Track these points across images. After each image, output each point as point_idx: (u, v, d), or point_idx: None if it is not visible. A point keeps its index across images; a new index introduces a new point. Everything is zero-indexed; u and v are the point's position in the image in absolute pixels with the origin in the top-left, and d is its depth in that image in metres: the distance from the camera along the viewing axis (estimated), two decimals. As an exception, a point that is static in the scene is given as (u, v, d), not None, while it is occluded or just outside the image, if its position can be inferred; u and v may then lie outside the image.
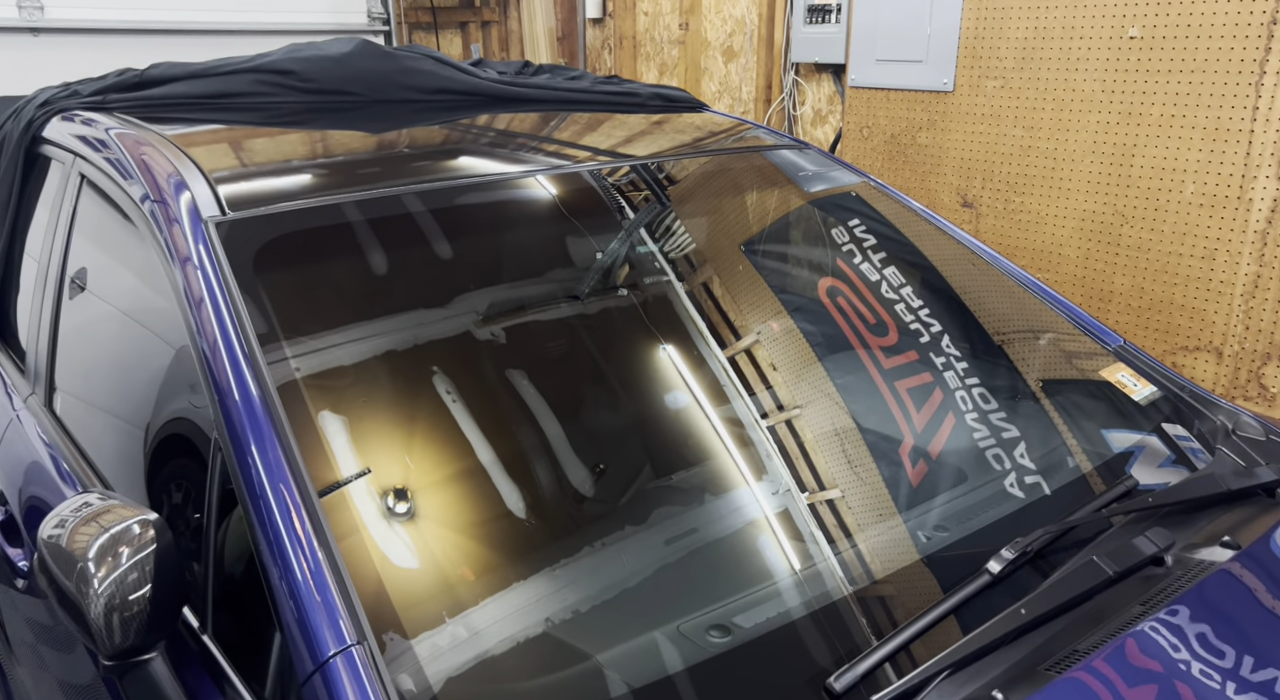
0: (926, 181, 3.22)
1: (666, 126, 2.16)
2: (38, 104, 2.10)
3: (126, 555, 1.11)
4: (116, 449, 1.57)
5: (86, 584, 1.08)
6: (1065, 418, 1.59)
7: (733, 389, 1.51)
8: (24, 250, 2.10)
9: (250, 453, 1.14)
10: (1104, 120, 2.69)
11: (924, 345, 1.67)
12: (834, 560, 1.26)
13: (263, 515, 1.09)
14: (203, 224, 1.40)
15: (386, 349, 1.39)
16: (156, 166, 1.56)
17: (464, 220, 1.63)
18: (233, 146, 1.80)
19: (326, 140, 1.87)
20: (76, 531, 1.15)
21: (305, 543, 1.06)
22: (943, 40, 3.05)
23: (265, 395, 1.19)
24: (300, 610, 1.01)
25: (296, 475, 1.11)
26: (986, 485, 1.43)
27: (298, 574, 1.03)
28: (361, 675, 0.96)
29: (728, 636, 1.12)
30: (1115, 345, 1.76)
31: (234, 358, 1.23)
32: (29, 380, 1.87)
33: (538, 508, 1.26)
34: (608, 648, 1.08)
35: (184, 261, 1.36)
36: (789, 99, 3.74)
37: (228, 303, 1.29)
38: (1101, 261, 2.78)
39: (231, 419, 1.17)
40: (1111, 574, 1.17)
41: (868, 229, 1.90)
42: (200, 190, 1.47)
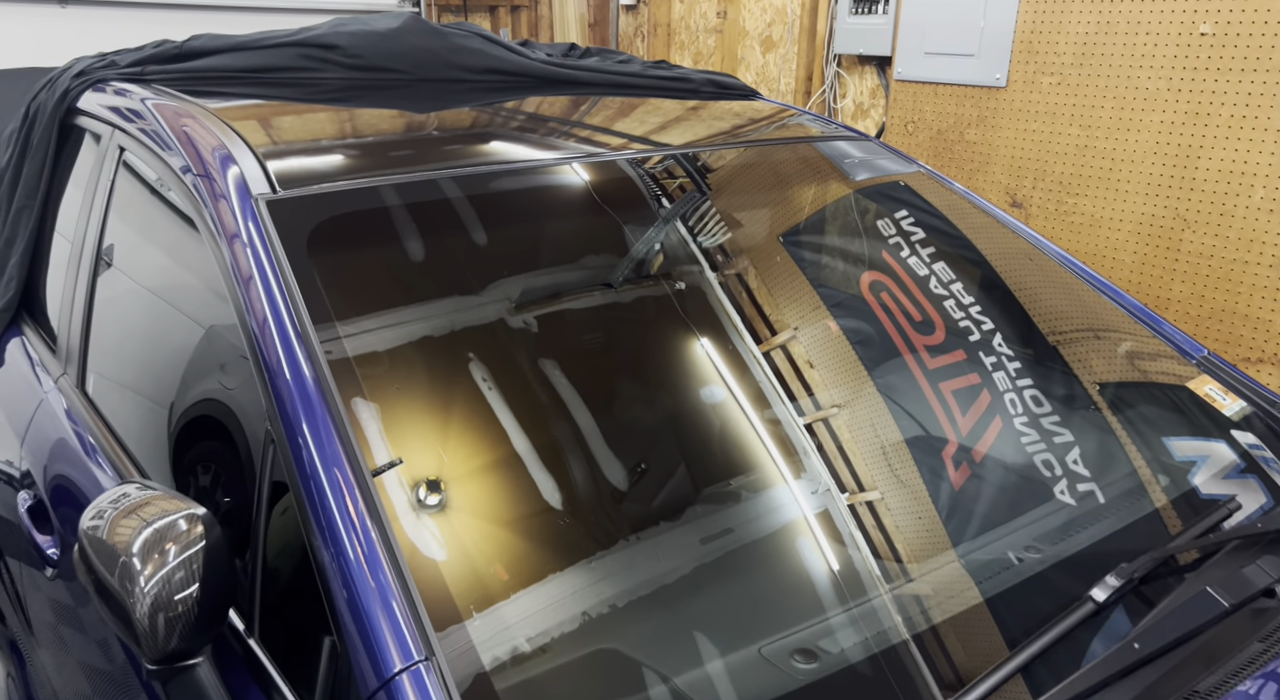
0: (974, 180, 3.13)
1: (707, 113, 2.07)
2: (73, 74, 2.03)
3: (174, 552, 1.04)
4: (153, 433, 1.50)
5: (131, 581, 1.01)
6: (1125, 424, 1.51)
7: (770, 385, 1.44)
8: (55, 226, 2.03)
9: (303, 435, 1.07)
10: (1168, 120, 2.59)
11: (973, 344, 1.59)
12: (883, 579, 1.19)
13: (318, 509, 1.02)
14: (252, 200, 1.33)
15: (438, 333, 1.33)
16: (200, 140, 1.49)
17: (513, 205, 1.56)
18: (277, 122, 1.72)
19: (373, 119, 1.80)
20: (117, 524, 1.08)
21: (365, 543, 0.99)
22: (997, 34, 2.95)
23: (319, 376, 1.13)
24: (362, 621, 0.93)
25: (352, 460, 1.05)
26: (1037, 493, 1.35)
27: (360, 581, 0.96)
28: (431, 695, 0.89)
29: (815, 663, 1.04)
30: (1199, 355, 1.67)
31: (285, 337, 1.17)
32: (60, 360, 1.80)
33: (594, 508, 1.20)
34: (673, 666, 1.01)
35: (231, 238, 1.29)
36: (830, 91, 3.65)
37: (279, 281, 1.22)
38: (1159, 267, 2.69)
39: (283, 400, 1.10)
40: (1227, 606, 1.09)
41: (916, 220, 1.82)
42: (249, 166, 1.40)
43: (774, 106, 2.22)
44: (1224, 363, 1.66)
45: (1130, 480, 1.40)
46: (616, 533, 1.18)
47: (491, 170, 1.57)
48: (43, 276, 2.02)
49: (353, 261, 1.40)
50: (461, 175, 1.53)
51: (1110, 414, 1.53)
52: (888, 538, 1.25)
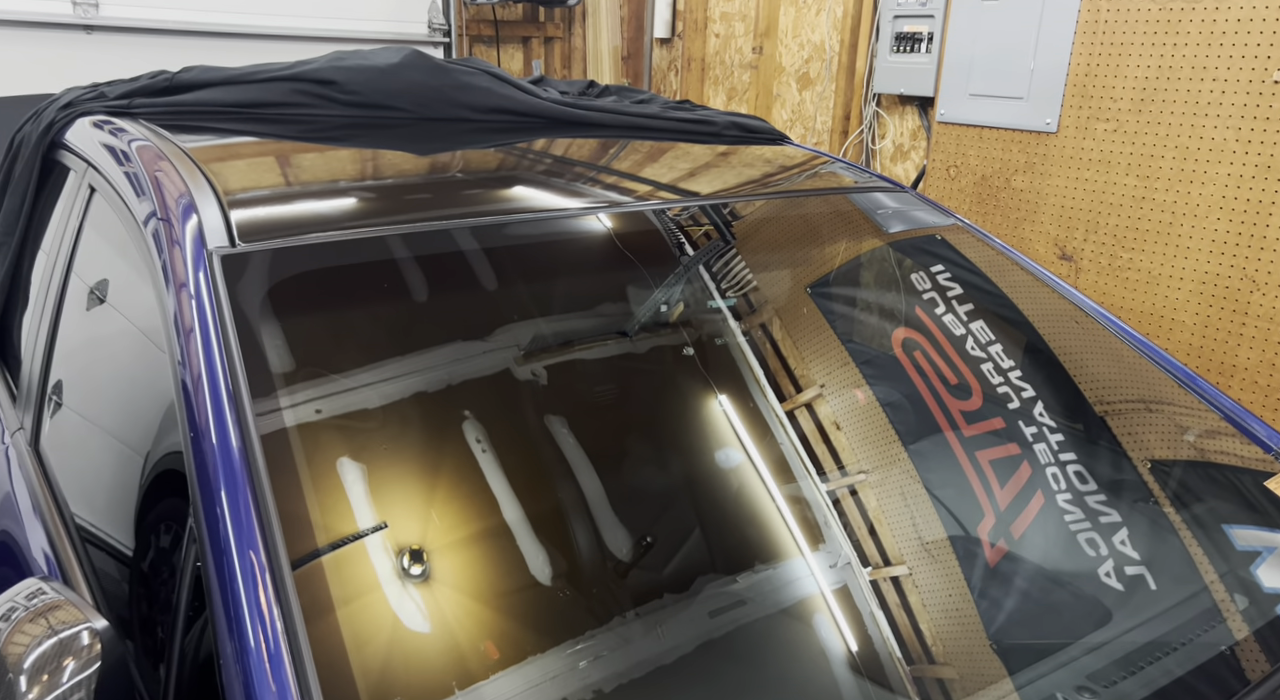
0: (1020, 229, 2.94)
1: (736, 160, 1.92)
2: (60, 105, 1.93)
3: (70, 672, 0.90)
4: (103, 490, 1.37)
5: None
6: (1179, 506, 1.38)
7: (792, 448, 1.33)
8: (34, 264, 1.92)
9: (220, 506, 0.93)
10: (1236, 173, 2.39)
11: (1013, 412, 1.47)
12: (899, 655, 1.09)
13: (225, 589, 0.89)
14: (206, 253, 1.20)
15: (400, 398, 1.20)
16: (167, 184, 1.37)
17: (509, 261, 1.42)
18: (256, 164, 1.60)
19: (363, 161, 1.66)
20: (19, 629, 0.94)
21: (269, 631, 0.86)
22: (1048, 76, 2.77)
23: (246, 443, 1.00)
24: None
25: (269, 540, 0.92)
26: (1079, 574, 1.24)
27: (258, 679, 0.82)
28: None
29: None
30: (1277, 447, 1.47)
31: (217, 399, 1.05)
32: (18, 412, 1.68)
33: (570, 582, 1.08)
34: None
35: (180, 287, 1.17)
36: (868, 132, 3.48)
37: (219, 337, 1.10)
38: (1224, 330, 2.47)
39: (205, 466, 0.98)
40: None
41: (953, 276, 1.68)
42: (210, 215, 1.27)
43: (805, 153, 2.06)
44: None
45: (1185, 567, 1.28)
46: (609, 609, 1.07)
47: (488, 222, 1.42)
48: (17, 319, 1.91)
49: (314, 321, 1.27)
50: (449, 227, 1.39)
51: (1163, 495, 1.40)
52: (913, 618, 1.14)
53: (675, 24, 4.35)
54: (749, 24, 3.95)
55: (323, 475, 1.06)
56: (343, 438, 1.12)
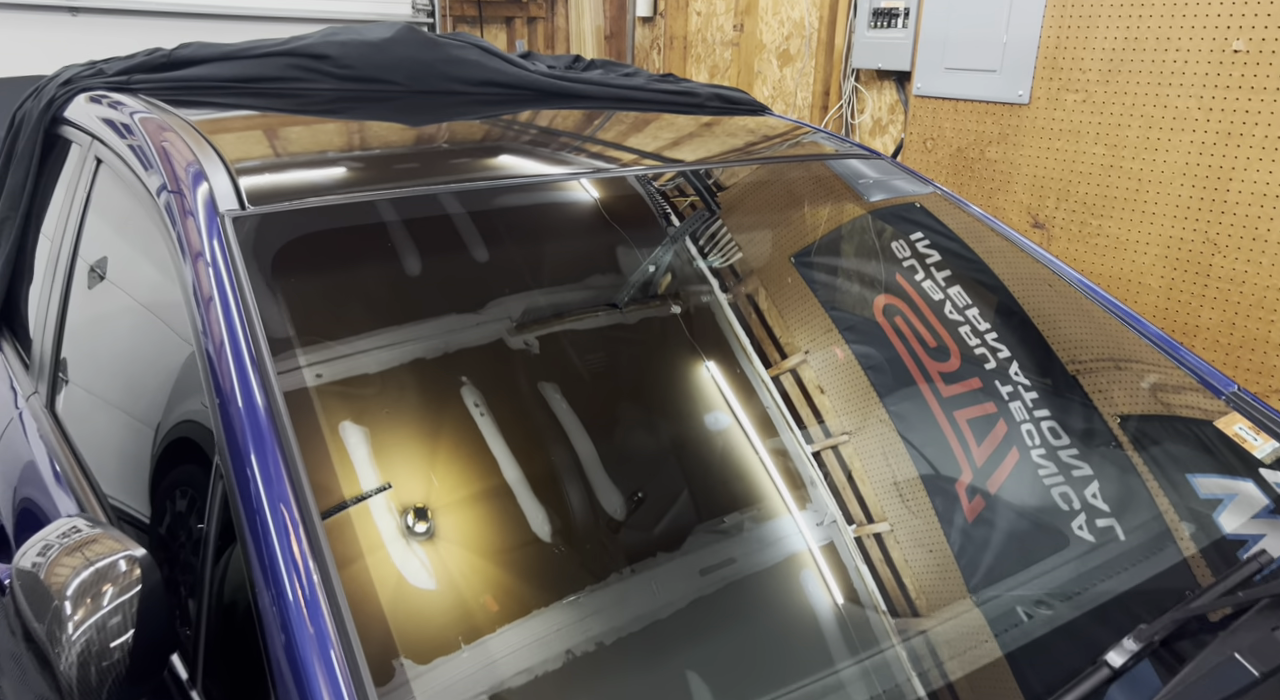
0: (994, 199, 3.03)
1: (720, 130, 1.99)
2: (60, 82, 1.98)
3: (109, 596, 0.97)
4: (116, 460, 1.44)
5: (60, 628, 0.94)
6: (1147, 458, 1.44)
7: (778, 412, 1.38)
8: (39, 237, 1.98)
9: (250, 467, 0.99)
10: (1199, 140, 2.48)
11: (989, 372, 1.52)
12: (884, 608, 1.14)
13: (260, 548, 0.94)
14: (218, 218, 1.27)
15: (408, 359, 1.26)
16: (176, 154, 1.43)
17: (501, 225, 1.49)
18: (259, 135, 1.66)
19: (361, 132, 1.73)
20: (58, 563, 1.01)
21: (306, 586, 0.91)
22: (1020, 49, 2.85)
23: (272, 404, 1.05)
24: (299, 672, 0.85)
25: (299, 495, 0.97)
26: (1053, 528, 1.29)
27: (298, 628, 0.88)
28: None
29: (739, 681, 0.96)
30: (1228, 391, 1.57)
31: (240, 363, 1.10)
32: (33, 377, 1.74)
33: (570, 535, 1.13)
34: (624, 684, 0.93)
35: (195, 257, 1.23)
36: (847, 107, 3.56)
37: (238, 302, 1.16)
38: (1188, 293, 2.57)
39: (233, 429, 1.03)
40: (1258, 675, 0.99)
41: (932, 243, 1.75)
42: (219, 182, 1.34)
43: (787, 123, 2.14)
44: (1255, 399, 1.56)
45: (1152, 517, 1.33)
46: (606, 566, 1.12)
47: (478, 187, 1.50)
48: (24, 290, 1.97)
49: (325, 282, 1.33)
50: (446, 191, 1.46)
51: (1132, 448, 1.46)
52: (896, 573, 1.19)
53: (657, 2, 4.41)
54: (730, 2, 4.01)
55: (337, 434, 1.12)
56: (357, 396, 1.19)
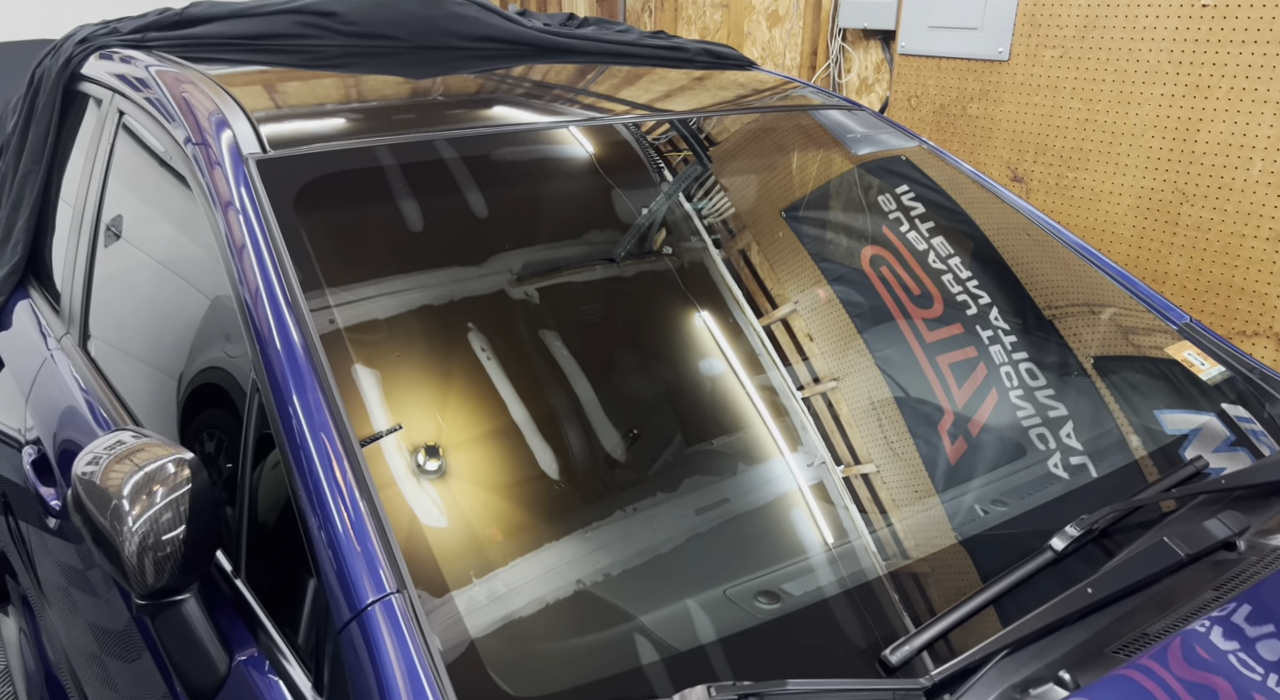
0: (976, 154, 3.13)
1: (711, 83, 2.09)
2: (76, 41, 2.06)
3: (161, 494, 1.08)
4: (151, 393, 1.54)
5: (120, 522, 1.05)
6: (1119, 397, 1.52)
7: (769, 358, 1.46)
8: (60, 191, 2.08)
9: (291, 401, 1.10)
10: (1169, 93, 2.58)
11: (970, 318, 1.60)
12: (871, 535, 1.21)
13: (302, 463, 1.05)
14: (244, 162, 1.36)
15: (422, 301, 1.35)
16: (199, 106, 1.52)
17: (502, 169, 1.59)
18: (274, 87, 1.75)
19: (368, 84, 1.83)
20: (110, 469, 1.12)
21: (345, 490, 1.03)
22: (1000, 6, 2.94)
23: (308, 343, 1.15)
24: (339, 558, 0.97)
25: (338, 423, 1.08)
26: (1030, 465, 1.37)
27: (337, 522, 1.00)
28: (401, 624, 0.93)
29: (776, 603, 1.07)
30: (1181, 322, 1.69)
31: (275, 305, 1.19)
32: (63, 321, 1.85)
33: (571, 470, 1.22)
34: (645, 610, 1.04)
35: (225, 206, 1.32)
36: (834, 66, 3.64)
37: (270, 248, 1.25)
38: (1158, 241, 2.69)
39: (272, 366, 1.13)
40: (1183, 556, 1.11)
41: (916, 195, 1.83)
42: (243, 129, 1.43)
43: (776, 78, 2.23)
44: (1206, 329, 1.68)
45: (1122, 454, 1.41)
46: (603, 494, 1.20)
47: (485, 133, 1.59)
48: (48, 240, 2.07)
49: (346, 223, 1.43)
50: (454, 136, 1.56)
51: (1104, 387, 1.54)
52: (883, 511, 1.25)
53: (648, -36, 4.46)
54: (720, -37, 4.07)
55: (369, 369, 1.20)
56: (378, 335, 1.26)
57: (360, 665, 0.91)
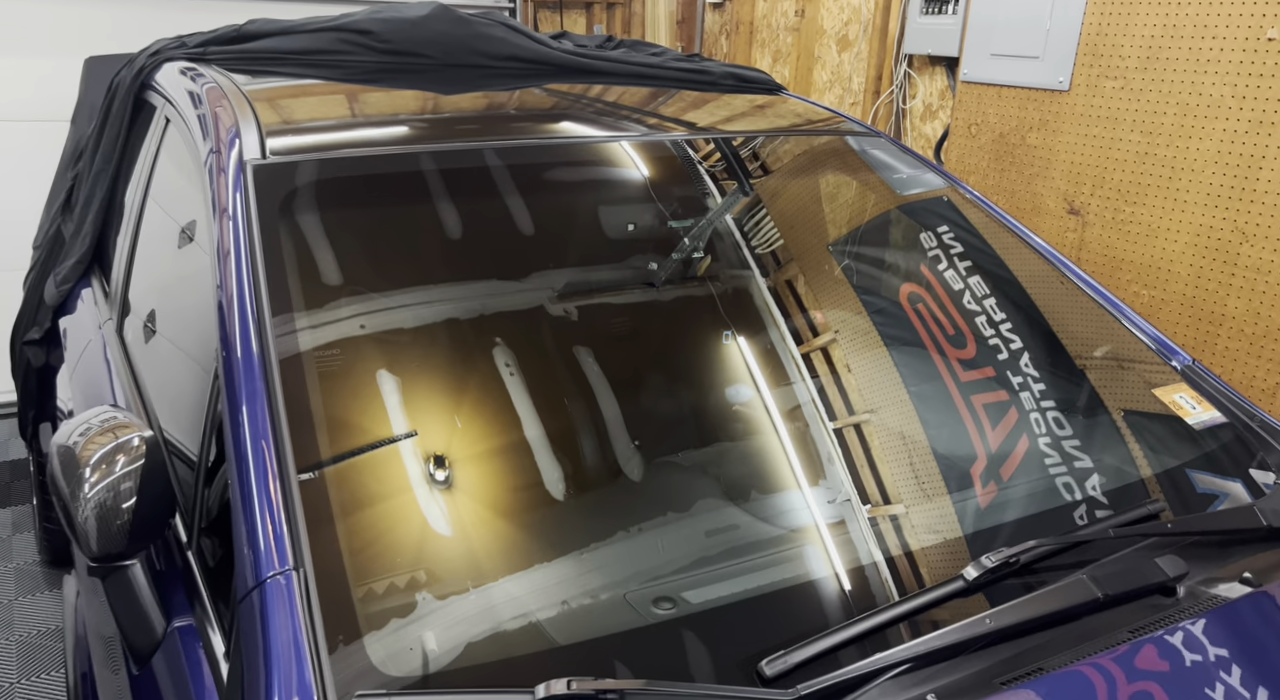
0: (1033, 184, 3.04)
1: (737, 106, 2.11)
2: (150, 52, 2.25)
3: (121, 465, 1.18)
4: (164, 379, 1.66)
5: (79, 487, 1.15)
6: (1148, 454, 1.47)
7: (801, 386, 1.47)
8: (127, 187, 2.26)
9: (237, 385, 1.17)
10: (1231, 128, 2.47)
11: (1002, 362, 1.59)
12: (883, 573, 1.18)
13: (239, 438, 1.13)
14: (242, 169, 1.46)
15: (403, 312, 1.41)
16: (224, 118, 1.64)
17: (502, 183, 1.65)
18: (298, 100, 1.88)
19: (388, 98, 1.93)
20: (91, 439, 1.22)
21: (270, 471, 1.10)
22: (1062, 36, 2.87)
23: (265, 356, 1.21)
24: (250, 531, 1.05)
25: (273, 409, 1.14)
26: (1050, 511, 1.33)
27: (255, 502, 1.07)
28: (295, 598, 0.99)
29: (673, 609, 1.09)
30: (1182, 364, 1.61)
31: (244, 312, 1.26)
32: (110, 307, 2.01)
33: (579, 494, 1.24)
34: (540, 606, 1.08)
35: (221, 213, 1.41)
36: (899, 92, 3.60)
37: (249, 258, 1.31)
38: (1215, 281, 2.56)
39: (231, 373, 1.20)
40: (1100, 597, 1.07)
41: (955, 236, 1.82)
42: (250, 140, 1.54)
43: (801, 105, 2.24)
44: (1209, 373, 1.60)
45: (1140, 508, 1.34)
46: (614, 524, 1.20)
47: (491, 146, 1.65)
48: (111, 234, 2.25)
49: (332, 229, 1.49)
50: (459, 150, 1.63)
51: (1134, 442, 1.50)
52: (907, 551, 1.23)
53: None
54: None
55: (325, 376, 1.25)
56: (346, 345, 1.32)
57: (253, 634, 0.98)
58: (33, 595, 2.80)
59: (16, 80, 3.74)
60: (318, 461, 1.15)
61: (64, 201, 2.47)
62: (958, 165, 3.31)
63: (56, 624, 2.70)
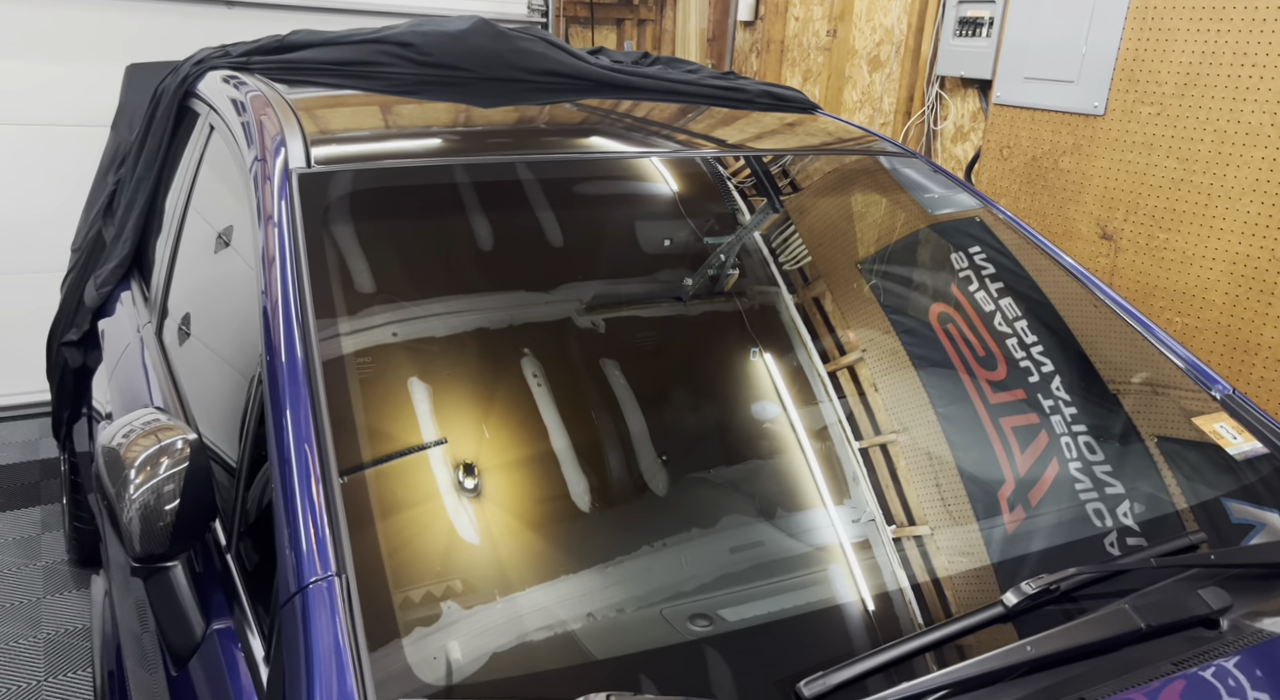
0: (1065, 209, 3.03)
1: (769, 125, 2.12)
2: (194, 61, 2.29)
3: (165, 467, 1.19)
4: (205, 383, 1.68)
5: (124, 488, 1.16)
6: (1182, 481, 1.45)
7: (827, 404, 1.46)
8: (168, 193, 2.29)
9: (281, 392, 1.18)
10: (1270, 156, 2.45)
11: (1033, 385, 1.58)
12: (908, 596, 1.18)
13: (284, 462, 1.13)
14: (288, 177, 1.48)
15: (444, 321, 1.42)
16: (269, 127, 1.66)
17: (544, 197, 1.66)
18: (341, 111, 1.90)
19: (429, 110, 1.95)
20: (135, 442, 1.24)
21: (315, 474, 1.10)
22: (1098, 60, 2.86)
23: (309, 362, 1.22)
24: (294, 536, 1.05)
25: (320, 439, 1.14)
26: (1084, 544, 1.32)
27: (299, 507, 1.08)
28: (337, 603, 0.99)
29: (709, 626, 1.09)
30: (1222, 394, 1.60)
31: (288, 310, 1.28)
32: (150, 311, 2.04)
33: (606, 508, 1.24)
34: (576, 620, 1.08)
35: (266, 220, 1.43)
36: (930, 113, 3.60)
37: (294, 265, 1.33)
38: (1251, 310, 2.54)
39: (275, 378, 1.21)
40: (1143, 627, 1.06)
41: (987, 257, 1.81)
42: (295, 148, 1.56)
43: (834, 124, 2.24)
44: (1250, 403, 1.59)
45: (1181, 538, 1.33)
46: (639, 538, 1.20)
47: (531, 159, 1.67)
48: (152, 239, 2.28)
49: (376, 239, 1.51)
50: (494, 163, 1.65)
51: (1167, 469, 1.48)
52: (933, 575, 1.22)
53: (758, 7, 4.54)
54: (826, 7, 4.10)
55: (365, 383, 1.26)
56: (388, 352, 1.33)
57: (295, 639, 0.98)
58: (61, 594, 2.82)
59: (61, 86, 3.82)
60: (358, 465, 1.16)
61: (105, 205, 2.51)
62: (989, 188, 3.30)
63: (84, 623, 2.72)
